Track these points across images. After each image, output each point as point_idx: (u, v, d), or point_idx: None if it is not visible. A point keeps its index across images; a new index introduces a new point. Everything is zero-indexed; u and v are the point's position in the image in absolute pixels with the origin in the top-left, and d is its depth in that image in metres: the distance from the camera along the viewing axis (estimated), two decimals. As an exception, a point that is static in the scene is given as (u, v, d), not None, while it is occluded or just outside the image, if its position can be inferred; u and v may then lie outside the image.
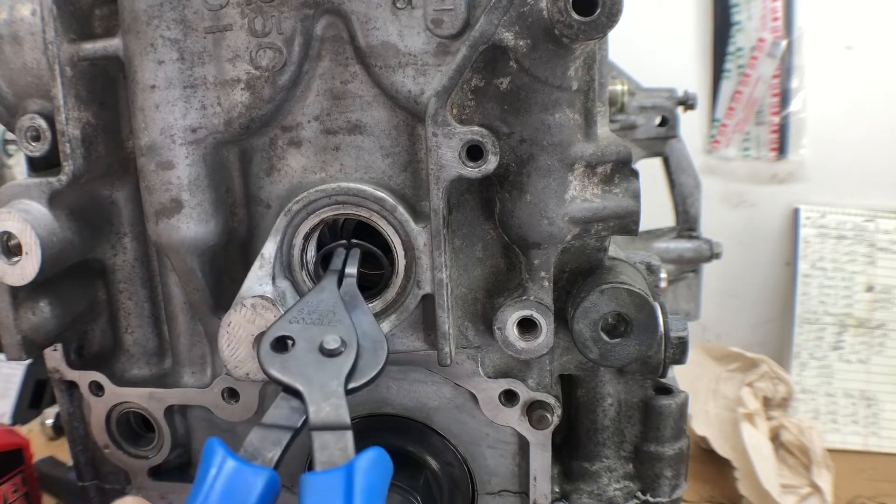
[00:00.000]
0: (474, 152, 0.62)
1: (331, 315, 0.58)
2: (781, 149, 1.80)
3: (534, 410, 0.72)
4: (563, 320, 0.69)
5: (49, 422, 0.85)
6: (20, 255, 0.66)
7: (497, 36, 0.60)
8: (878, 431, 1.68)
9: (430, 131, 0.62)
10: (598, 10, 0.57)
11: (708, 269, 1.41)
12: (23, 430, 1.29)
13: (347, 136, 0.67)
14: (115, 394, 0.76)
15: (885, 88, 1.73)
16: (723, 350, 1.62)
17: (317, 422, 0.51)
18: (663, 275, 0.89)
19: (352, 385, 0.54)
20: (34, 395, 1.68)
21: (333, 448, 0.49)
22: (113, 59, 0.67)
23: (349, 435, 0.50)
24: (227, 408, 0.75)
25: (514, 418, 0.73)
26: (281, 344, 0.56)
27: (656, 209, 1.28)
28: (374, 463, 0.47)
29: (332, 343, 0.55)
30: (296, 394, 0.53)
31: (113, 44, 0.67)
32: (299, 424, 0.52)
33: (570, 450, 0.78)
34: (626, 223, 0.66)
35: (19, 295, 0.69)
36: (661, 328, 0.68)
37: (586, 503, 0.77)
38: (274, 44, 0.64)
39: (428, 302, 0.67)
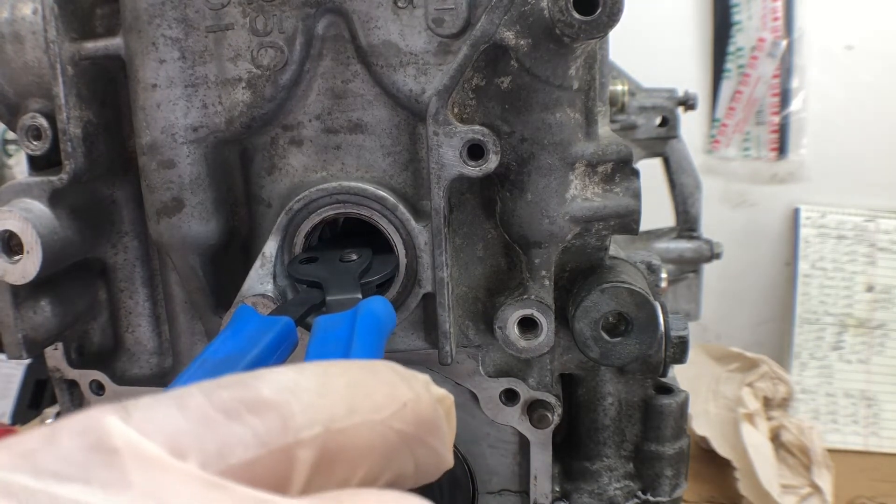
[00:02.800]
0: (475, 151, 0.62)
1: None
2: (781, 149, 1.80)
3: (534, 409, 0.72)
4: (563, 319, 0.69)
5: (49, 422, 0.85)
6: (21, 253, 0.66)
7: (498, 35, 0.60)
8: (878, 431, 1.68)
9: (431, 130, 0.62)
10: (599, 10, 0.57)
11: (708, 269, 1.41)
12: (23, 430, 1.29)
13: (348, 135, 0.67)
14: (116, 393, 0.76)
15: (885, 88, 1.73)
16: (723, 350, 1.62)
17: (332, 298, 0.59)
18: (664, 275, 0.89)
19: (365, 279, 0.62)
20: (34, 395, 1.68)
21: (344, 305, 0.56)
22: (114, 58, 0.67)
23: (359, 299, 0.57)
24: (228, 407, 0.75)
25: (514, 417, 0.73)
26: (308, 260, 0.65)
27: (656, 209, 1.27)
28: (378, 305, 0.53)
29: (349, 255, 0.64)
30: (316, 285, 0.61)
31: (114, 43, 0.67)
32: (319, 301, 0.59)
33: (571, 449, 0.78)
34: (627, 222, 0.66)
35: (20, 294, 0.69)
36: (662, 327, 0.68)
37: (587, 502, 0.77)
38: (275, 43, 0.64)
39: (429, 301, 0.67)
